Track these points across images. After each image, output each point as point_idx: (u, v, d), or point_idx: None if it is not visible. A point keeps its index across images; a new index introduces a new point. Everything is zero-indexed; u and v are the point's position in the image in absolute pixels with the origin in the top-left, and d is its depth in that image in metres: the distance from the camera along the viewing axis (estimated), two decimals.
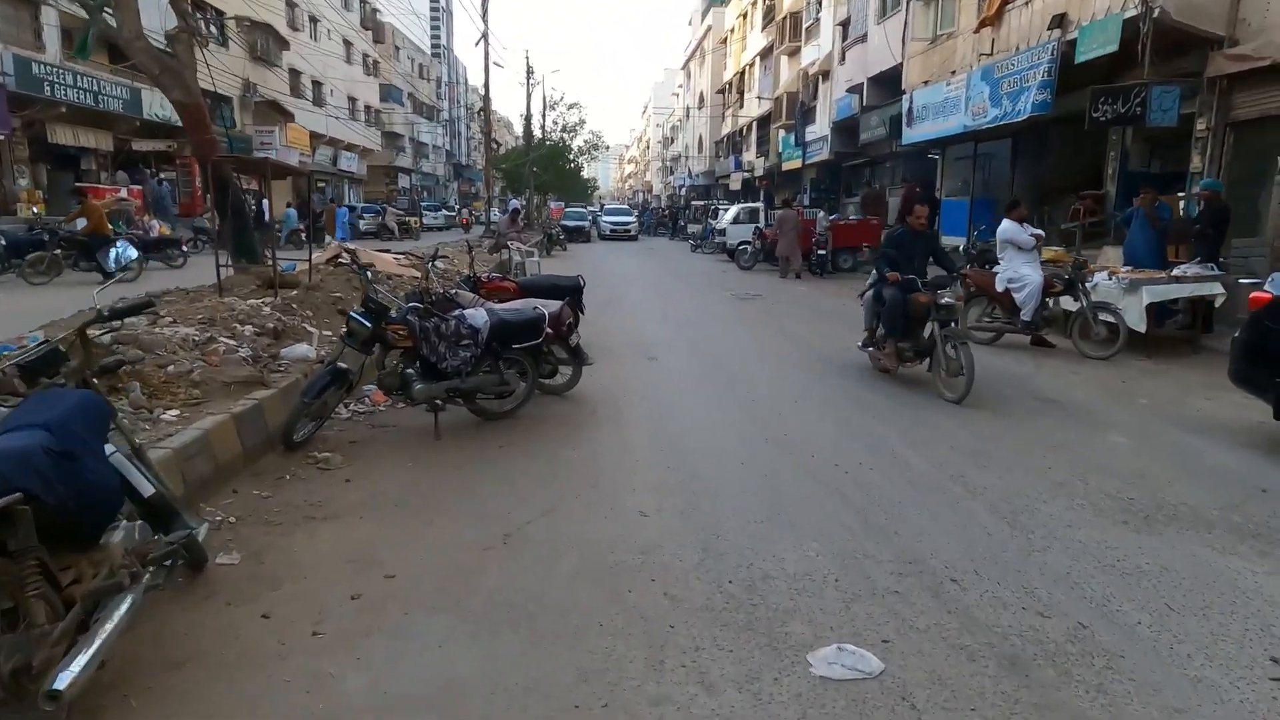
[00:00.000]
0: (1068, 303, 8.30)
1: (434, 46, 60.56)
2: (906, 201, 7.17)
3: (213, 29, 26.26)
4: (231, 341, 5.60)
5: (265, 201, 26.50)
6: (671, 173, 65.88)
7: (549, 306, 5.90)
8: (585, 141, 49.17)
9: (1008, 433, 5.37)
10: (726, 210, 23.36)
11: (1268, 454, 4.93)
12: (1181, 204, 11.01)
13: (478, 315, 5.18)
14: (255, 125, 28.89)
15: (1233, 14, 10.51)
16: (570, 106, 45.47)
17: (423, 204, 40.90)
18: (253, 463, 4.45)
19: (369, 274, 5.09)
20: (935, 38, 17.12)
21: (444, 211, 41.62)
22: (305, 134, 34.04)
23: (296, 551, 3.43)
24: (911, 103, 17.93)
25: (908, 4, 18.39)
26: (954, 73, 16.18)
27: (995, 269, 9.90)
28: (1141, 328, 7.62)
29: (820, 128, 27.07)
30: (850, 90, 22.87)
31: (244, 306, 6.36)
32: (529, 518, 3.83)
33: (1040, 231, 8.37)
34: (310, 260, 8.86)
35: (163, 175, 23.83)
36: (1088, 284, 7.91)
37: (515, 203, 35.61)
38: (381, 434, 5.28)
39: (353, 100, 40.61)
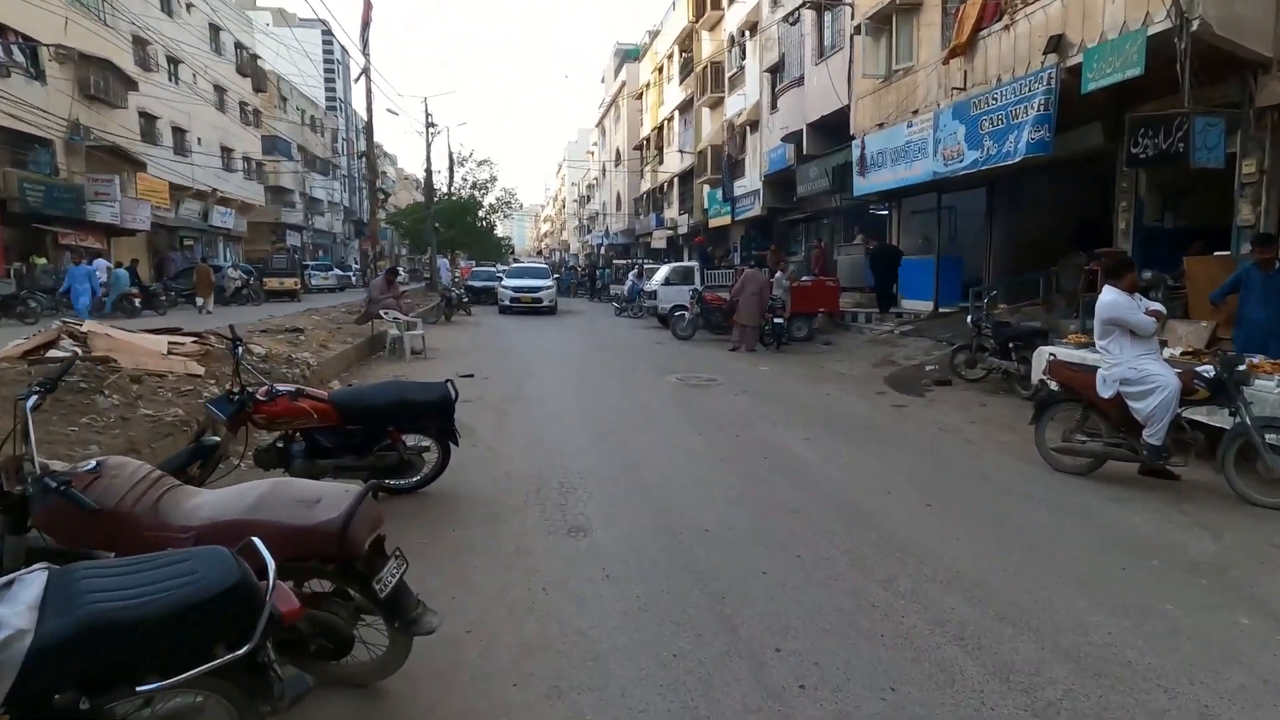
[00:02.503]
0: (1198, 413, 5.46)
1: (329, 99, 56.75)
2: None
3: (15, 54, 21.80)
4: None
5: (94, 264, 21.84)
6: (589, 231, 63.57)
7: (327, 505, 2.44)
8: (497, 199, 46.14)
9: None
10: (655, 270, 20.42)
11: None
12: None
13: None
14: (90, 174, 24.18)
15: None
16: (480, 163, 42.33)
17: (312, 263, 36.45)
18: None
19: None
20: (889, 74, 14.96)
21: (336, 271, 37.25)
22: (162, 185, 29.43)
23: None
24: (864, 149, 15.65)
25: (852, 40, 16.32)
26: (916, 112, 13.95)
27: (1060, 353, 7.13)
28: None
29: (751, 181, 24.91)
30: (786, 139, 20.69)
31: None
32: None
33: (1160, 307, 5.54)
34: None
35: None
36: (1245, 388, 5.08)
37: (445, 264, 31.75)
38: None
39: (228, 151, 36.18)
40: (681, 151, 32.88)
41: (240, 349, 4.38)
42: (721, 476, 5.54)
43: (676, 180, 34.69)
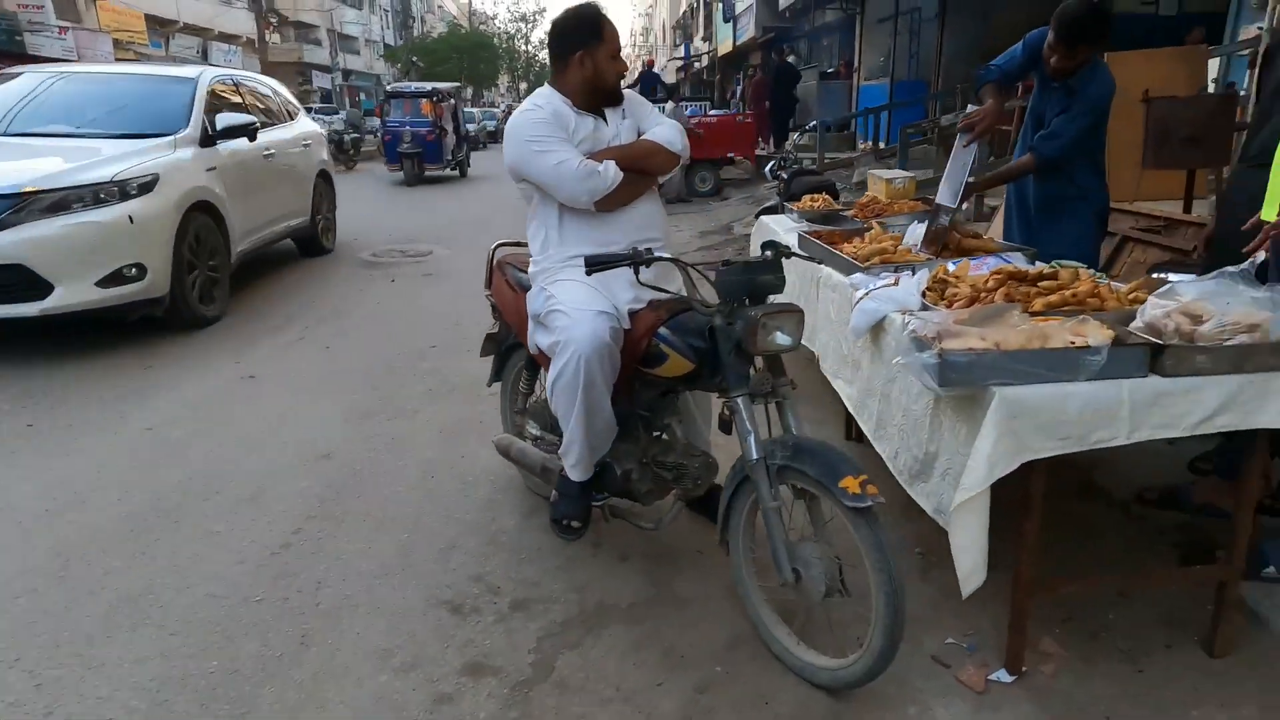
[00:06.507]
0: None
1: None
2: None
3: None
4: None
5: None
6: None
7: None
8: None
9: None
10: None
11: None
12: None
13: None
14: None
15: None
16: None
17: (315, 107, 34.29)
18: None
19: None
20: None
21: (341, 115, 34.82)
22: (135, 16, 27.51)
23: None
24: None
25: None
26: None
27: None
28: None
29: None
30: None
31: None
32: None
33: (671, 122, 2.29)
34: None
35: None
36: None
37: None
38: None
39: None
40: None
41: None
42: None
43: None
